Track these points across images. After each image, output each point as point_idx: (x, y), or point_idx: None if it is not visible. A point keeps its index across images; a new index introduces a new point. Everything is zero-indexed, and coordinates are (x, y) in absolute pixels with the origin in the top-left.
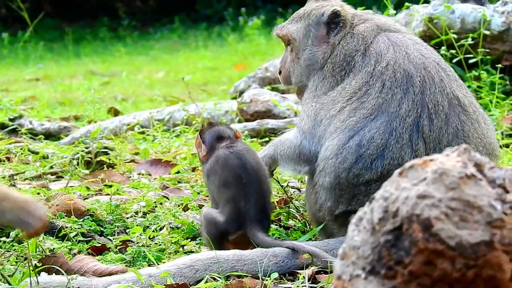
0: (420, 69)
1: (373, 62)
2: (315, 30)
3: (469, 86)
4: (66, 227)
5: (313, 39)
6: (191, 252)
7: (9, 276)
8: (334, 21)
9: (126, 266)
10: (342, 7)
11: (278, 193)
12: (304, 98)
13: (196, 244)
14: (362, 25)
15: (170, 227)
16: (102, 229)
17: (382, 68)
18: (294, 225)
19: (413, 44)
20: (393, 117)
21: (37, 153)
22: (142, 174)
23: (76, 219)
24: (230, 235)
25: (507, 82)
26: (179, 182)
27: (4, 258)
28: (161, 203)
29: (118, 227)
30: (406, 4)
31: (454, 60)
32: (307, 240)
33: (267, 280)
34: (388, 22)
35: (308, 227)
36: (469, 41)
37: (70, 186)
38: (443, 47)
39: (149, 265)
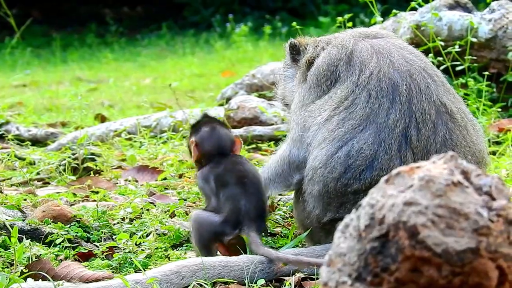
0: (406, 76)
1: (357, 71)
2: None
3: None
4: (53, 233)
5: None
6: (178, 258)
7: None
8: (295, 49)
9: (113, 272)
10: (301, 38)
11: None
12: (292, 108)
13: (183, 250)
14: (339, 37)
15: (156, 233)
16: (88, 235)
17: (366, 77)
18: (281, 232)
19: (397, 50)
20: (381, 128)
21: (24, 159)
22: (129, 181)
23: (63, 225)
24: (225, 236)
25: (494, 90)
26: (166, 188)
27: None
28: (147, 210)
29: (104, 233)
30: (393, 11)
31: (441, 68)
32: (293, 247)
33: (253, 286)
34: (366, 30)
35: (295, 234)
36: (456, 48)
37: (57, 192)
38: (430, 55)
39: (135, 272)
